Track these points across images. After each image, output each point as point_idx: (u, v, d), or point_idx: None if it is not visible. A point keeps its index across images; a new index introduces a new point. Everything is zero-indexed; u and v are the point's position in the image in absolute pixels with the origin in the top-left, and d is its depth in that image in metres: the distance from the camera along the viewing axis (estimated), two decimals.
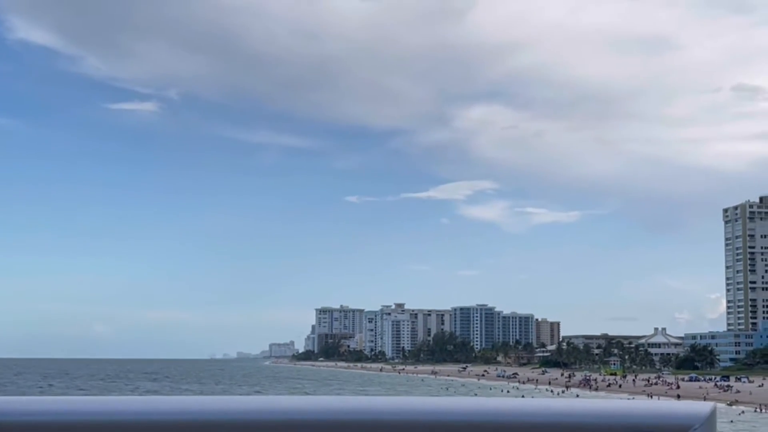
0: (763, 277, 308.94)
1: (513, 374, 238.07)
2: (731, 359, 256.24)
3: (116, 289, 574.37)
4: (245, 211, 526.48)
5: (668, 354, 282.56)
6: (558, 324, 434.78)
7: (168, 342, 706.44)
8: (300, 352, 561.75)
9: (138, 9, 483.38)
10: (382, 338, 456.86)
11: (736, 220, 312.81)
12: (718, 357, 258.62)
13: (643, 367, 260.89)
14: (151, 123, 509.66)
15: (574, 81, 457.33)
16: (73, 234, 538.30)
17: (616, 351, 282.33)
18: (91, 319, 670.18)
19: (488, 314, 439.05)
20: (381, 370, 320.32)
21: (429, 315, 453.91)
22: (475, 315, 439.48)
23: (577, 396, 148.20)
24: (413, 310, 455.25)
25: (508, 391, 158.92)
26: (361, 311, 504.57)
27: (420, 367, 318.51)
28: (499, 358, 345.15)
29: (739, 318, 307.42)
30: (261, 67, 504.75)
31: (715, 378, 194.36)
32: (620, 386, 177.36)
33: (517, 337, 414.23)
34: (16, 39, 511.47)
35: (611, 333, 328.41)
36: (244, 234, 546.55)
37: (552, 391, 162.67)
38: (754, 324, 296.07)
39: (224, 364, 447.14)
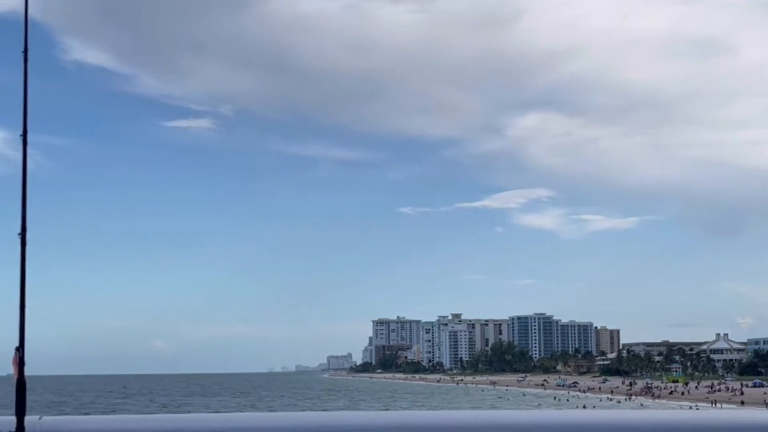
0: None
1: (573, 383, 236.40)
2: None
3: (174, 305, 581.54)
4: (300, 225, 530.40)
5: (731, 360, 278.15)
6: (618, 332, 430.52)
7: (226, 356, 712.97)
8: (358, 364, 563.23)
9: (190, 27, 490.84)
10: (439, 349, 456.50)
11: None
12: None
13: (706, 374, 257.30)
14: (206, 139, 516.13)
15: (628, 86, 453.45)
16: (131, 251, 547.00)
17: (677, 358, 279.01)
18: (150, 335, 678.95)
19: (546, 323, 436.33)
20: (438, 381, 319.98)
21: (486, 325, 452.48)
22: (533, 324, 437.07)
23: (641, 405, 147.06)
24: (470, 321, 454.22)
25: (567, 400, 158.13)
26: (417, 322, 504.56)
27: (478, 378, 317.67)
28: (559, 367, 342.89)
29: None
30: (313, 81, 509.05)
31: None
32: (683, 393, 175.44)
33: (576, 346, 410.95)
34: (71, 60, 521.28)
35: (672, 340, 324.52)
36: (299, 247, 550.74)
37: (611, 399, 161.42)
38: None
39: (285, 377, 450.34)
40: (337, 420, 2.57)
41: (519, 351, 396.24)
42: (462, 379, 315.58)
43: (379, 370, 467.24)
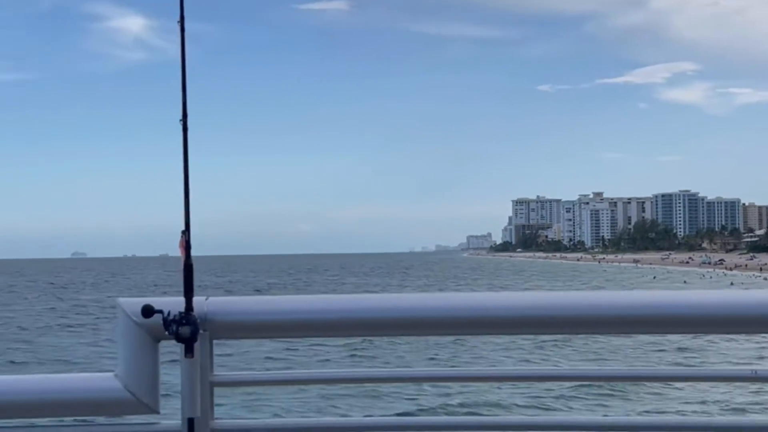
0: None
1: (719, 261, 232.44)
2: None
3: (316, 187, 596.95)
4: (437, 106, 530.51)
5: None
6: (767, 208, 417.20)
7: (367, 237, 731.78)
8: (497, 243, 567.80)
9: None
10: (580, 228, 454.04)
11: None
12: None
13: None
14: (341, 21, 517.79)
15: None
16: (272, 134, 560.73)
17: None
18: (295, 217, 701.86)
19: (691, 200, 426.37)
20: (579, 260, 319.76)
21: (629, 203, 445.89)
22: (678, 201, 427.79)
23: None
24: (612, 199, 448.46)
25: (711, 278, 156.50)
26: (558, 201, 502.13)
27: (620, 256, 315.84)
28: (704, 245, 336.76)
29: None
30: None
31: None
32: None
33: (723, 223, 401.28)
34: None
35: None
36: (437, 128, 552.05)
37: (759, 275, 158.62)
38: None
39: (427, 257, 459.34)
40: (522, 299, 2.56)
41: (663, 228, 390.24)
42: (604, 257, 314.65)
43: (519, 249, 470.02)
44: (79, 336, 38.86)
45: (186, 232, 2.42)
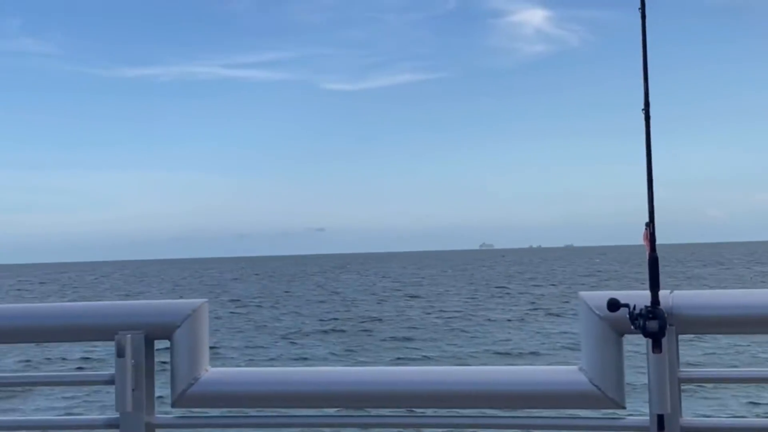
0: None
1: None
2: None
3: (731, 171, 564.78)
4: None
5: None
6: None
7: None
8: None
9: None
10: None
11: None
12: None
13: None
14: None
15: None
16: (681, 111, 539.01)
17: None
18: (704, 203, 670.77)
19: None
20: None
21: None
22: None
23: None
24: None
25: None
26: None
27: None
28: None
29: None
30: None
31: None
32: None
33: None
34: None
35: None
36: None
37: None
38: None
39: None
40: None
41: None
42: None
43: None
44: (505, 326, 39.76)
45: (650, 224, 2.38)
